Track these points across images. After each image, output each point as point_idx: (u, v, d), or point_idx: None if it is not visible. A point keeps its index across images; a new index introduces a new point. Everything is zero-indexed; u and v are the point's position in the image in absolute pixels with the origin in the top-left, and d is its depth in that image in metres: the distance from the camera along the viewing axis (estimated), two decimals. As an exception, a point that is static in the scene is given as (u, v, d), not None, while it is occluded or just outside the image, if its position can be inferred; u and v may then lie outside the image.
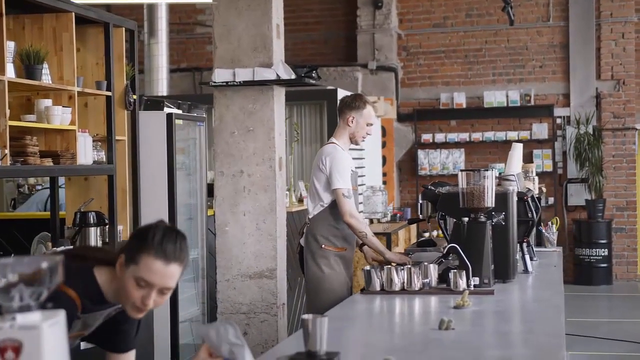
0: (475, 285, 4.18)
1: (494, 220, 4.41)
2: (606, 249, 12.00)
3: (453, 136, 12.61)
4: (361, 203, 9.89)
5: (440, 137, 12.64)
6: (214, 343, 2.48)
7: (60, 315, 1.81)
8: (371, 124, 5.31)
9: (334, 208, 5.13)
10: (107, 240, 5.67)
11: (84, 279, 2.56)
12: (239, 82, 5.80)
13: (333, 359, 2.72)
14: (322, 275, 5.12)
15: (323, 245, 5.15)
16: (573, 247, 12.26)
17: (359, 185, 5.78)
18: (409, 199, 12.86)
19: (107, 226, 5.65)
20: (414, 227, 11.45)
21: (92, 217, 5.51)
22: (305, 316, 2.68)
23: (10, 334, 1.73)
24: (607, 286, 11.95)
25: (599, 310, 10.64)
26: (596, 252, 11.97)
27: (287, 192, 7.76)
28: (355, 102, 5.28)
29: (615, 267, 12.24)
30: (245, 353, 2.54)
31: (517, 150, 5.52)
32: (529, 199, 5.04)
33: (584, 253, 12.00)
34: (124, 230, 5.89)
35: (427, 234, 12.06)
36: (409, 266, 4.25)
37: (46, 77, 5.04)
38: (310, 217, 5.26)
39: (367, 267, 4.33)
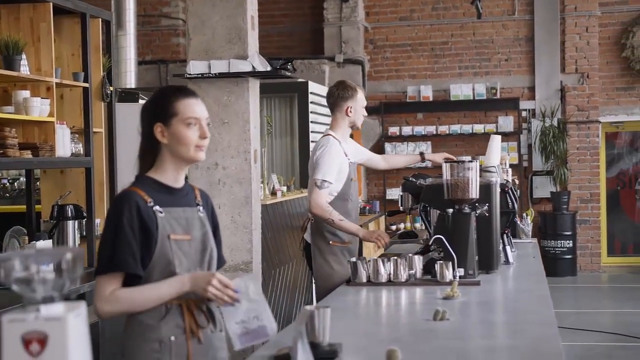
0: (460, 277, 4.20)
1: (478, 211, 4.43)
2: (571, 241, 12.15)
3: (420, 129, 12.66)
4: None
5: (407, 130, 12.68)
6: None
7: (82, 307, 1.79)
8: (365, 105, 5.45)
9: (338, 201, 5.08)
10: (84, 233, 5.60)
11: (141, 181, 2.86)
12: (214, 74, 5.76)
13: (336, 349, 2.73)
14: (332, 272, 5.09)
15: (331, 242, 5.12)
16: (539, 239, 12.37)
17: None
18: (376, 192, 12.89)
19: (84, 219, 5.58)
20: (382, 219, 11.52)
21: (70, 210, 5.43)
22: (309, 307, 2.68)
23: (35, 326, 1.71)
24: (571, 277, 12.11)
25: (565, 301, 10.75)
26: (561, 243, 12.12)
27: (261, 185, 7.74)
28: (348, 91, 5.31)
29: (580, 259, 12.40)
30: (265, 308, 2.61)
31: (496, 142, 5.55)
32: (510, 190, 5.07)
33: (549, 245, 12.13)
34: (101, 224, 5.83)
35: (402, 226, 12.14)
36: (395, 258, 4.26)
37: (24, 68, 4.97)
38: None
39: (354, 259, 4.33)
